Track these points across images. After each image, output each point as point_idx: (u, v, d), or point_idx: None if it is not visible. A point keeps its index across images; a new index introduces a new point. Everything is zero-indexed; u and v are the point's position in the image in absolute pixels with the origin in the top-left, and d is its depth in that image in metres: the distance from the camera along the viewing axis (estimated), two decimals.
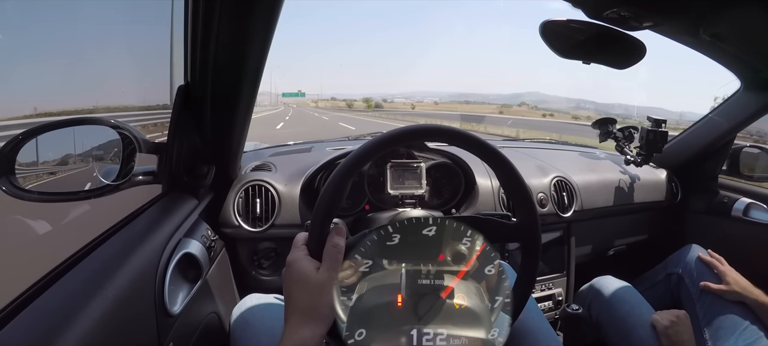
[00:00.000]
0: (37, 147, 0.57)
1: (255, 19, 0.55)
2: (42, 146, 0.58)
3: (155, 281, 0.59)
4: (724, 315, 0.89)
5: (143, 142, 0.67)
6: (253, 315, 0.73)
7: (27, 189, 0.56)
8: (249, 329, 0.70)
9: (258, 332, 0.69)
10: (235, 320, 0.74)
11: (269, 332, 0.67)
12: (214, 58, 0.62)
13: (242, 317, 0.74)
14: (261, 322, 0.71)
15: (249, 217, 0.96)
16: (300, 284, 0.44)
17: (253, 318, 0.72)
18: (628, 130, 1.36)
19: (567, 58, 0.69)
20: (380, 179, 1.03)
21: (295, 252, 0.47)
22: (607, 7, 0.55)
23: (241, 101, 0.72)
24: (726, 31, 0.65)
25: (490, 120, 17.45)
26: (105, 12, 1.62)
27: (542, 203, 1.14)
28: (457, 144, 0.51)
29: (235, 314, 0.75)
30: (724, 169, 1.33)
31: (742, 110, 1.15)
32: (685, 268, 1.02)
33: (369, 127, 14.10)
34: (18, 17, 1.14)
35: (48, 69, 1.38)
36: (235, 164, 0.94)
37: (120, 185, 0.63)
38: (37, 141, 0.56)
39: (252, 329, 0.70)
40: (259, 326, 0.70)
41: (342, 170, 0.47)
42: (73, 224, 1.02)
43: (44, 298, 0.45)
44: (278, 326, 0.46)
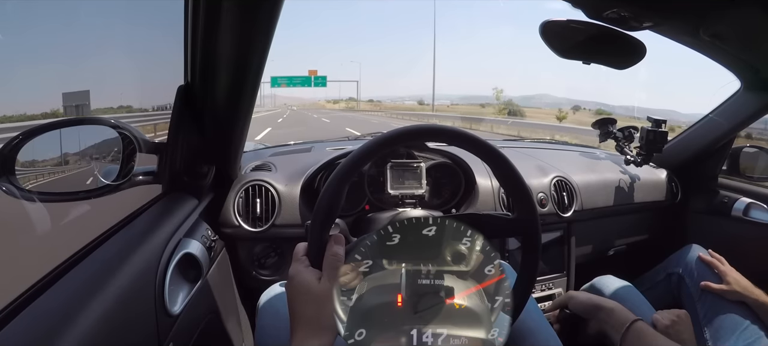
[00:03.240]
0: (37, 147, 0.57)
1: (255, 19, 0.55)
2: (42, 146, 0.58)
3: (155, 281, 0.59)
4: (725, 315, 0.89)
5: (143, 142, 0.67)
6: (282, 301, 0.73)
7: (27, 189, 0.56)
8: (278, 316, 0.71)
9: (286, 319, 0.69)
10: (263, 306, 0.75)
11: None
12: (214, 58, 0.62)
13: (270, 304, 0.75)
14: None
15: (249, 217, 0.96)
16: (302, 296, 0.45)
17: (281, 304, 0.73)
18: (628, 130, 1.36)
19: (567, 58, 0.69)
20: (380, 179, 1.03)
21: (295, 265, 0.48)
22: (607, 7, 0.55)
23: (241, 101, 0.72)
24: (726, 31, 0.65)
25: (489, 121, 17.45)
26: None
27: (542, 202, 1.14)
28: (457, 144, 0.51)
29: (263, 300, 0.77)
30: (724, 169, 1.33)
31: (742, 110, 1.15)
32: (685, 268, 1.02)
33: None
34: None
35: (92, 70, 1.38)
36: (235, 164, 0.94)
37: (120, 185, 0.63)
38: (38, 141, 0.56)
39: (280, 315, 0.70)
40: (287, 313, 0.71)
41: (340, 173, 0.47)
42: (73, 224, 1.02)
43: (44, 298, 0.45)
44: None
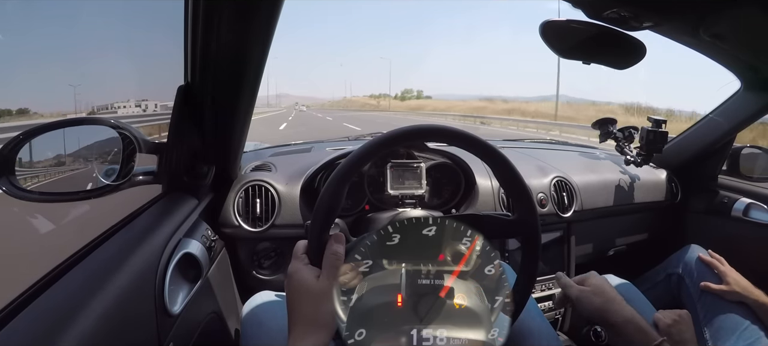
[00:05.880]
0: (37, 147, 0.57)
1: (255, 19, 0.55)
2: (42, 146, 0.58)
3: (155, 281, 0.59)
4: (725, 315, 0.89)
5: (143, 142, 0.67)
6: (264, 312, 0.73)
7: (27, 189, 0.56)
8: (260, 327, 0.70)
9: (270, 330, 0.68)
10: (246, 317, 0.74)
11: (282, 329, 0.67)
12: (214, 58, 0.62)
13: (253, 314, 0.74)
14: (273, 320, 0.70)
15: (249, 217, 0.96)
16: (301, 293, 0.45)
17: (264, 316, 0.72)
18: (628, 130, 1.36)
19: (567, 58, 0.69)
20: (380, 179, 1.03)
21: (295, 263, 0.48)
22: (607, 7, 0.55)
23: (242, 101, 0.72)
24: (726, 31, 0.65)
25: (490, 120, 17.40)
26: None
27: (542, 203, 1.14)
28: (457, 144, 0.51)
29: (246, 311, 0.75)
30: (724, 169, 1.32)
31: (742, 110, 1.15)
32: (685, 268, 1.02)
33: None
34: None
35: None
36: (235, 164, 0.94)
37: (120, 185, 0.63)
38: (38, 141, 0.56)
39: (263, 326, 0.70)
40: (272, 324, 0.69)
41: (340, 173, 0.47)
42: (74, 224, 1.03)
43: (45, 297, 0.45)
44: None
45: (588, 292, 0.64)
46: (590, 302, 0.63)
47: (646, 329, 0.59)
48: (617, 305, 0.62)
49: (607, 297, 0.63)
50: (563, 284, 0.67)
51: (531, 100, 40.24)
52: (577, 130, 10.59)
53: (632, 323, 0.59)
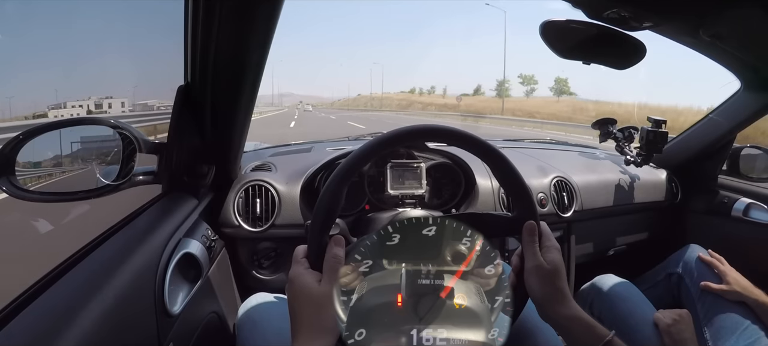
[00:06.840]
0: (37, 147, 0.57)
1: (255, 19, 0.55)
2: (42, 146, 0.58)
3: (155, 281, 0.59)
4: (725, 315, 0.89)
5: (143, 142, 0.67)
6: (260, 314, 0.73)
7: (27, 189, 0.56)
8: (256, 329, 0.70)
9: (265, 331, 0.68)
10: (241, 319, 0.74)
11: (277, 331, 0.67)
12: (214, 58, 0.62)
13: (248, 316, 0.74)
14: (268, 321, 0.71)
15: (249, 217, 0.96)
16: (303, 298, 0.45)
17: (259, 317, 0.72)
18: (628, 130, 1.36)
19: (567, 58, 0.69)
20: (380, 179, 1.03)
21: (295, 267, 0.47)
22: (607, 7, 0.55)
23: (241, 101, 0.72)
24: (726, 31, 0.65)
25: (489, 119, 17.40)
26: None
27: (542, 203, 1.14)
28: (456, 144, 0.51)
29: (241, 312, 0.75)
30: (724, 169, 1.32)
31: (742, 110, 1.15)
32: (685, 268, 1.02)
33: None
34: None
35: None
36: (235, 164, 0.94)
37: (120, 185, 0.63)
38: (38, 141, 0.56)
39: (259, 328, 0.70)
40: (267, 326, 0.69)
41: (340, 173, 0.47)
42: (74, 224, 1.03)
43: (44, 298, 0.45)
44: (285, 325, 0.47)
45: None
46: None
47: (594, 325, 0.49)
48: (557, 304, 0.49)
49: (549, 290, 0.49)
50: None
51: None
52: (575, 130, 10.50)
53: (577, 319, 0.49)
